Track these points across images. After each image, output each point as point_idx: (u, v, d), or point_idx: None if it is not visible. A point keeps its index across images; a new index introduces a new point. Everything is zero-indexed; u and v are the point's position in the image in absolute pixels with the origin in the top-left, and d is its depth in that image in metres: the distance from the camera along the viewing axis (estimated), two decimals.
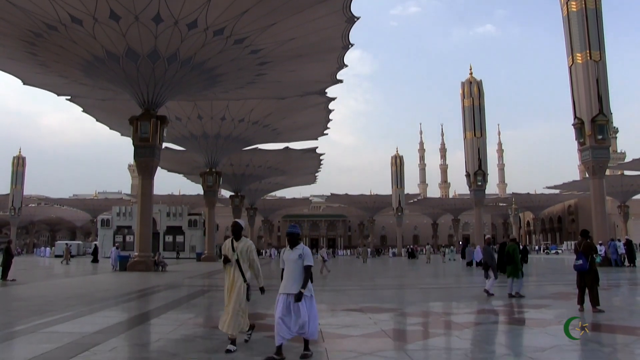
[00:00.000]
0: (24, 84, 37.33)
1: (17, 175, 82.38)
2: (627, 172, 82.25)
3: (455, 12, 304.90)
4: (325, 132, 53.33)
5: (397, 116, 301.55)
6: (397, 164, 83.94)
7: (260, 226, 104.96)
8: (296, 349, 7.00)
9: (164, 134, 33.84)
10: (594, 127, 33.76)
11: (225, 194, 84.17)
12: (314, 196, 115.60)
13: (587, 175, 39.67)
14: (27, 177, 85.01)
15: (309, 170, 73.41)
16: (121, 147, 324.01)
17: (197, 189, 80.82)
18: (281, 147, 59.92)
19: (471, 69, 58.18)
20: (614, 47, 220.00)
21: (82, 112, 44.66)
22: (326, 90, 40.22)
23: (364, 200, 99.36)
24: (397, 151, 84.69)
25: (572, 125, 35.29)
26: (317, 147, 61.49)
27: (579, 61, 34.95)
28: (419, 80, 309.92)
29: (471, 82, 57.41)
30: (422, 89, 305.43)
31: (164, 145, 38.24)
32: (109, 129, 50.71)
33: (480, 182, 55.73)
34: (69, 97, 40.99)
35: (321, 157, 65.85)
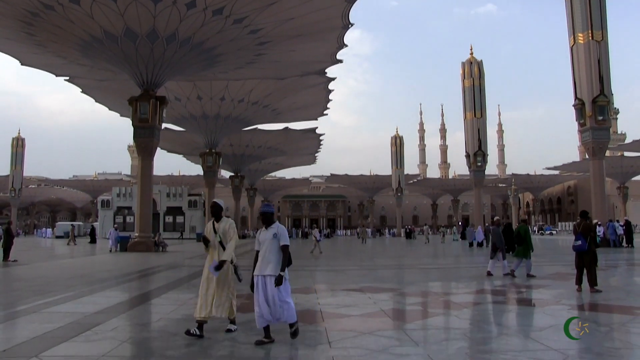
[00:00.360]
0: (22, 64, 37.05)
1: (16, 156, 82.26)
2: (627, 154, 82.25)
3: None
4: (325, 112, 53.20)
5: (397, 96, 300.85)
6: (397, 144, 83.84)
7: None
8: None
9: (164, 115, 33.73)
10: (595, 108, 33.63)
11: (225, 174, 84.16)
12: (313, 176, 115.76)
13: (587, 156, 39.64)
14: (27, 158, 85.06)
15: (308, 150, 73.34)
16: (121, 127, 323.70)
17: (197, 170, 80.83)
18: (281, 128, 59.81)
19: (472, 49, 57.75)
20: (616, 27, 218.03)
21: (81, 92, 44.45)
22: (326, 70, 40.03)
23: (363, 180, 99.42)
24: (397, 131, 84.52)
25: (573, 106, 35.14)
26: (316, 127, 61.41)
27: (580, 41, 34.67)
28: (419, 60, 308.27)
29: (471, 63, 57.05)
30: (423, 70, 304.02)
31: (164, 125, 38.15)
32: (108, 109, 50.53)
33: (480, 163, 55.68)
34: (67, 78, 40.78)
35: (321, 138, 65.76)
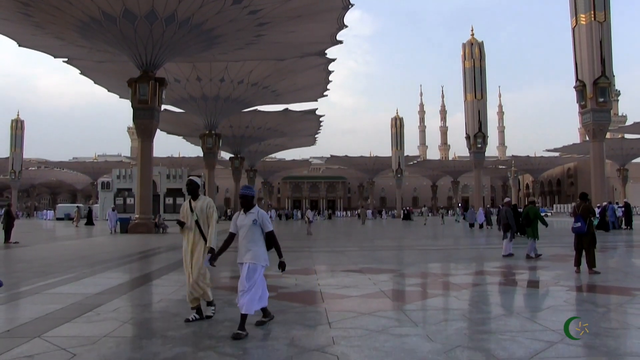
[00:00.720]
0: (19, 45, 36.76)
1: (16, 138, 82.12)
2: (627, 136, 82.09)
3: None
4: (325, 93, 52.98)
5: (397, 78, 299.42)
6: (397, 125, 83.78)
7: (260, 188, 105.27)
8: (294, 310, 7.09)
9: (163, 96, 33.62)
10: (596, 89, 33.52)
11: (225, 155, 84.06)
12: (313, 158, 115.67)
13: (587, 138, 39.59)
14: (26, 140, 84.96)
15: (308, 131, 73.18)
16: (120, 109, 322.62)
17: (196, 151, 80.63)
18: (281, 109, 59.60)
19: (472, 30, 57.57)
20: (618, 7, 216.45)
21: (80, 74, 44.21)
22: (326, 51, 39.78)
23: (363, 162, 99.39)
24: (397, 113, 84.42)
25: (574, 87, 35.02)
26: (316, 108, 61.25)
27: (582, 22, 34.44)
28: (419, 41, 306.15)
29: (472, 44, 56.82)
30: (423, 51, 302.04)
31: (163, 107, 38.03)
32: (107, 91, 50.31)
33: (480, 145, 55.76)
34: (66, 60, 40.52)
35: (321, 119, 65.57)
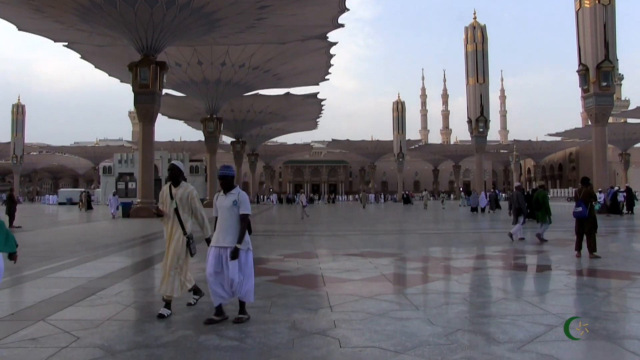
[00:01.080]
0: (19, 29, 36.45)
1: (17, 123, 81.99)
2: (630, 120, 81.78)
3: None
4: (326, 77, 52.73)
5: (399, 62, 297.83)
6: (399, 109, 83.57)
7: (261, 172, 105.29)
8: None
9: (164, 80, 33.51)
10: (599, 73, 33.28)
11: (226, 140, 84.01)
12: (315, 142, 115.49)
13: (589, 122, 39.45)
14: (28, 125, 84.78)
15: (310, 115, 73.00)
16: (121, 93, 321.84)
17: (198, 135, 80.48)
18: (282, 93, 59.40)
19: (475, 13, 57.02)
20: None
21: (80, 58, 44.00)
22: (327, 34, 39.51)
23: (365, 146, 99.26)
24: (398, 97, 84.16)
25: (577, 71, 34.80)
26: (318, 92, 61.00)
27: (586, 5, 34.09)
28: (421, 25, 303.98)
29: (475, 27, 56.42)
30: (425, 34, 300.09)
31: (164, 91, 37.90)
32: (108, 75, 50.13)
33: (481, 129, 55.62)
34: (66, 44, 40.29)
35: (322, 103, 65.38)
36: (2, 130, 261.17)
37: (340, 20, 35.70)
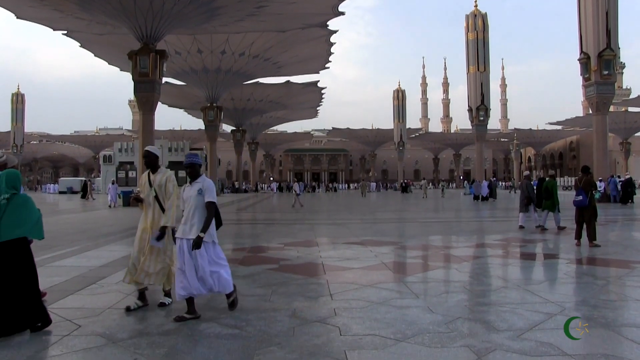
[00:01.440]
0: (17, 17, 36.18)
1: (17, 112, 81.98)
2: (631, 109, 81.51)
3: None
4: (326, 65, 52.61)
5: (399, 50, 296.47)
6: (399, 98, 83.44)
7: (262, 161, 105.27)
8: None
9: (164, 69, 33.39)
10: (600, 62, 33.14)
11: (226, 128, 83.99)
12: (315, 130, 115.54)
13: (590, 111, 39.34)
14: (27, 114, 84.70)
15: (310, 104, 72.90)
16: (121, 82, 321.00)
17: (198, 124, 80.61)
18: (282, 81, 59.30)
19: (476, 1, 56.69)
20: None
21: (80, 47, 43.82)
22: (328, 22, 39.33)
23: (365, 134, 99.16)
24: (399, 85, 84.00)
25: (578, 60, 34.66)
26: (318, 80, 60.98)
27: None
28: (422, 12, 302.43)
29: (476, 15, 56.15)
30: (426, 22, 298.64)
31: (164, 80, 37.77)
32: (107, 64, 49.95)
33: (482, 117, 55.56)
34: (65, 32, 40.08)
35: (322, 91, 65.28)
36: (2, 119, 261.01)
37: (340, 8, 35.52)
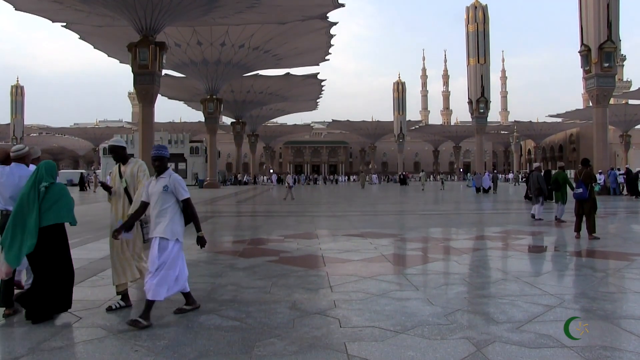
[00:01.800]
0: (16, 9, 35.99)
1: (16, 104, 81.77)
2: (631, 101, 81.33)
3: None
4: (326, 57, 52.48)
5: (400, 42, 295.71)
6: (399, 90, 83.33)
7: (262, 153, 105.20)
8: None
9: (164, 61, 33.29)
10: (601, 54, 33.01)
11: (226, 120, 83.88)
12: (315, 122, 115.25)
13: (590, 103, 39.26)
14: (27, 106, 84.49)
15: (310, 96, 72.79)
16: (121, 74, 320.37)
17: (198, 116, 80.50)
18: (282, 73, 59.18)
19: None
20: None
21: (79, 39, 43.67)
22: (328, 14, 39.21)
23: (365, 126, 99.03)
24: (399, 77, 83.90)
25: (579, 52, 34.55)
26: (318, 72, 60.83)
27: None
28: (423, 4, 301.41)
29: (476, 7, 55.97)
30: (426, 14, 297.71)
31: (164, 72, 37.68)
32: (107, 56, 49.81)
33: (482, 110, 55.48)
34: (64, 24, 39.92)
35: (322, 83, 65.16)
36: (2, 111, 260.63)
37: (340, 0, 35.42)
